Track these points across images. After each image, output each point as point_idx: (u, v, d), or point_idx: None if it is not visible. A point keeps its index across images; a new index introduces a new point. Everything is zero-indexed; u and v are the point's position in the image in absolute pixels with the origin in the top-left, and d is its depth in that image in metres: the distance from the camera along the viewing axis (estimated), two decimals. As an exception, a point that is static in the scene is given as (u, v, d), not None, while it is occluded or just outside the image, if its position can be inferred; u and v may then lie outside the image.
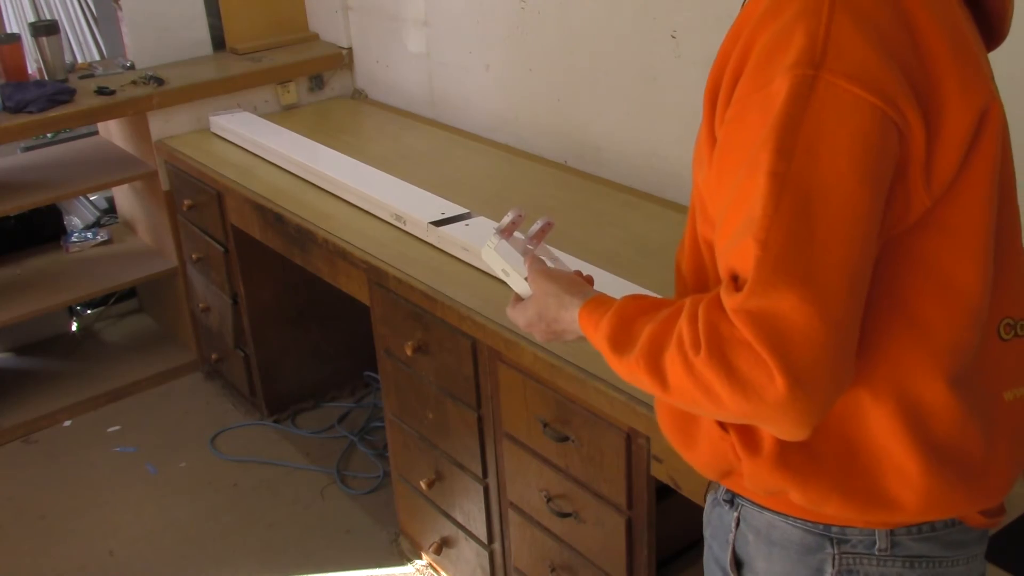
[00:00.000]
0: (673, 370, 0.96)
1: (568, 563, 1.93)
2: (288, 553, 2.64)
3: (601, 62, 2.52)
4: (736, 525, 1.15)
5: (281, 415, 3.19)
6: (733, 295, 0.90)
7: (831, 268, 0.88)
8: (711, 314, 0.93)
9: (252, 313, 3.01)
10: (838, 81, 0.88)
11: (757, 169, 0.89)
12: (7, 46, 3.07)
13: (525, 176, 2.65)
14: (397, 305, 2.18)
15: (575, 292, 1.20)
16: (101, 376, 3.38)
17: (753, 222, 0.89)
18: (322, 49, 3.47)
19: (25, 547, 2.72)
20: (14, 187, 3.12)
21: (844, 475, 1.02)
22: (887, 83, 0.89)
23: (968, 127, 0.94)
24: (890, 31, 0.91)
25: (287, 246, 2.60)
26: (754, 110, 0.92)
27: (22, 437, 3.16)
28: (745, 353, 0.89)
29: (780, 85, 0.89)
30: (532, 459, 1.93)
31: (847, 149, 0.88)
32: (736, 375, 0.90)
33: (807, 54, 0.88)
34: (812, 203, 0.88)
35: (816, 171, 0.88)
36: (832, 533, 1.07)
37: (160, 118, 3.13)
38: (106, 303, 3.73)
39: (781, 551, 1.10)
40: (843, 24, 0.89)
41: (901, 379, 0.99)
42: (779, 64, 0.90)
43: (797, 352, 0.87)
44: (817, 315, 0.87)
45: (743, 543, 1.15)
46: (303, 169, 2.72)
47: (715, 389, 0.92)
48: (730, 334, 0.90)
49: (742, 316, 0.89)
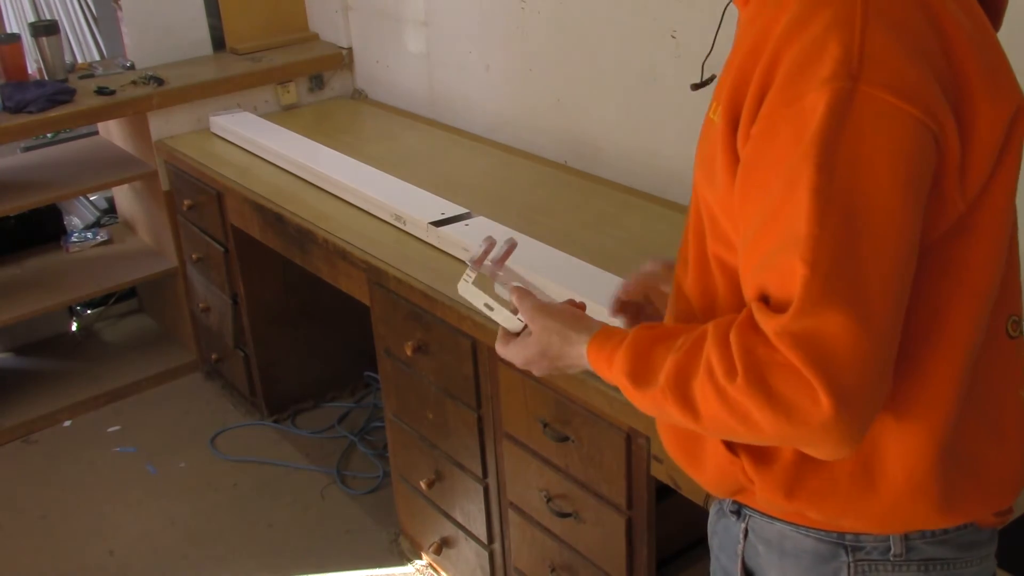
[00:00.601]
0: (705, 399, 0.93)
1: (568, 563, 1.93)
2: (288, 553, 2.64)
3: (601, 62, 2.52)
4: (744, 536, 1.13)
5: (281, 415, 3.19)
6: (774, 317, 0.87)
7: (877, 285, 0.87)
8: (745, 338, 0.90)
9: (252, 313, 3.01)
10: (877, 92, 0.86)
11: (797, 186, 0.86)
12: (7, 46, 3.07)
13: (525, 176, 2.65)
14: (397, 305, 2.18)
15: (579, 327, 1.16)
16: (101, 376, 3.38)
17: (799, 242, 0.86)
18: (322, 49, 3.47)
19: (25, 547, 2.72)
20: (14, 187, 3.12)
21: (860, 492, 1.01)
22: (925, 93, 0.87)
23: (1000, 131, 0.93)
24: (923, 38, 0.89)
25: (287, 246, 2.60)
26: (785, 125, 0.88)
27: (22, 437, 3.16)
28: (787, 376, 0.87)
29: (816, 99, 0.86)
30: (532, 459, 1.93)
31: (889, 162, 0.86)
32: (777, 399, 0.87)
33: (843, 66, 0.86)
34: (856, 219, 0.86)
35: (859, 186, 0.86)
36: (846, 541, 1.05)
37: (160, 118, 3.13)
38: (106, 303, 3.73)
39: (794, 561, 1.08)
40: (878, 33, 0.87)
41: (925, 391, 0.97)
42: (813, 78, 0.87)
43: (844, 372, 0.85)
44: (864, 334, 0.85)
45: (753, 554, 1.13)
46: (303, 169, 2.72)
47: (753, 416, 0.89)
48: (769, 357, 0.88)
49: (787, 339, 0.86)
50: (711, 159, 1.02)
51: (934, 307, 0.96)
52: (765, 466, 1.03)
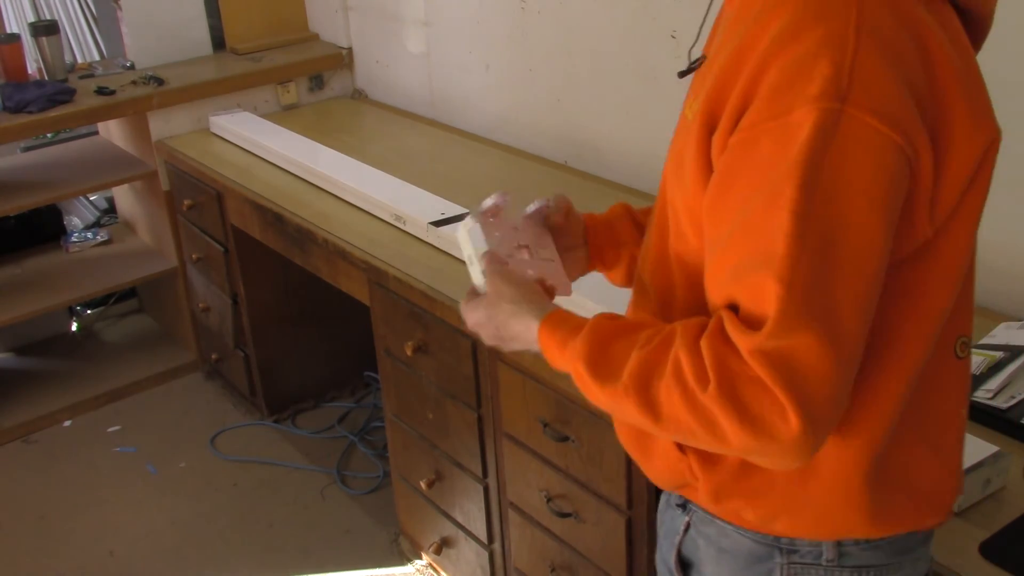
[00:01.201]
0: (669, 402, 0.93)
1: (568, 563, 1.93)
2: (288, 553, 2.64)
3: (601, 62, 2.52)
4: (686, 529, 1.17)
5: (281, 415, 3.19)
6: (747, 335, 0.87)
7: (848, 307, 0.88)
8: (717, 348, 0.90)
9: (252, 313, 3.01)
10: (864, 117, 0.85)
11: (777, 204, 0.86)
12: (7, 46, 3.07)
13: (525, 176, 2.65)
14: (397, 305, 2.18)
15: (534, 302, 1.14)
16: (101, 376, 3.38)
17: (775, 260, 0.86)
18: (322, 49, 3.47)
19: (25, 547, 2.72)
20: (14, 187, 3.12)
21: (794, 497, 1.04)
22: (908, 119, 0.87)
23: (974, 162, 0.93)
24: (910, 63, 0.89)
25: (287, 246, 2.60)
26: (768, 138, 0.88)
27: (22, 437, 3.16)
28: (758, 392, 0.87)
29: (804, 117, 0.86)
30: (532, 459, 1.93)
31: (868, 186, 0.86)
32: (747, 413, 0.88)
33: (833, 86, 0.85)
34: (834, 241, 0.86)
35: (838, 209, 0.86)
36: (781, 544, 1.08)
37: (160, 118, 3.13)
38: (106, 303, 3.73)
39: (731, 558, 1.11)
40: (868, 55, 0.86)
41: (868, 407, 0.99)
42: (801, 94, 0.86)
43: (812, 392, 0.86)
44: (834, 355, 0.86)
45: (692, 547, 1.16)
46: (303, 169, 2.72)
47: (721, 425, 0.89)
48: (741, 371, 0.88)
49: (759, 357, 0.86)
50: (681, 156, 1.02)
51: (889, 327, 0.97)
52: (710, 465, 1.06)
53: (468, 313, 1.22)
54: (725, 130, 0.92)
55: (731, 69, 0.93)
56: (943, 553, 1.26)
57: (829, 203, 0.86)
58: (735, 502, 1.07)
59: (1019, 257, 1.82)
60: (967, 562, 1.25)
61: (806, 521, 1.05)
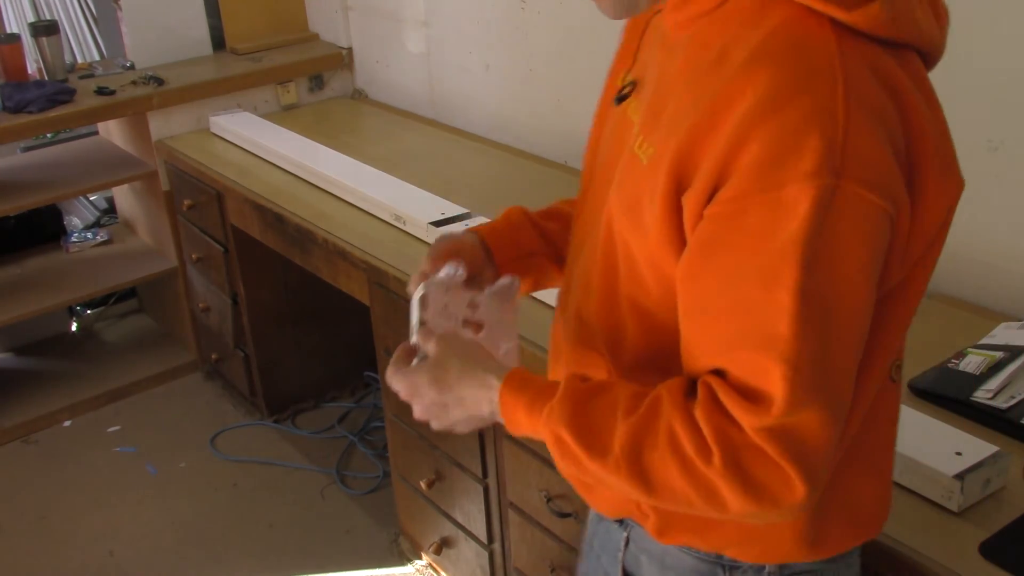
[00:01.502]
0: (665, 473, 0.90)
1: (568, 563, 1.93)
2: (288, 553, 2.64)
3: (601, 63, 2.51)
4: (626, 544, 1.16)
5: (281, 415, 3.19)
6: (753, 414, 0.87)
7: (845, 372, 0.89)
8: (715, 420, 0.89)
9: (252, 313, 3.01)
10: (860, 190, 0.84)
11: (778, 284, 0.85)
12: (7, 46, 3.07)
13: (525, 176, 2.65)
14: (397, 305, 2.18)
15: (488, 364, 1.05)
16: (101, 376, 3.38)
17: (778, 342, 0.85)
18: (322, 49, 3.47)
19: (25, 547, 2.72)
20: (14, 187, 3.12)
21: (741, 531, 1.05)
22: (896, 184, 0.87)
23: (944, 212, 0.94)
24: (891, 123, 0.88)
25: (287, 246, 2.60)
26: (756, 213, 0.85)
27: (22, 437, 3.16)
28: (763, 463, 0.87)
29: (799, 194, 0.83)
30: (532, 459, 1.93)
31: (859, 255, 0.86)
32: (752, 484, 0.88)
33: (827, 161, 0.83)
34: (832, 312, 0.86)
35: (834, 282, 0.86)
36: (724, 561, 1.09)
37: (160, 118, 3.13)
38: (106, 303, 3.73)
39: (674, 574, 1.12)
40: (859, 126, 0.84)
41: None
42: (793, 169, 0.83)
43: (815, 459, 0.87)
44: (835, 423, 0.87)
45: (634, 563, 1.16)
46: (303, 169, 2.72)
47: (722, 495, 0.89)
48: (742, 441, 0.88)
49: (765, 435, 0.86)
50: (636, 203, 0.96)
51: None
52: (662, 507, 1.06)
53: (402, 378, 1.09)
54: (699, 198, 0.88)
55: (703, 130, 0.88)
56: (943, 553, 1.26)
57: (826, 278, 0.85)
58: (683, 536, 1.07)
59: (1019, 257, 1.82)
60: (967, 562, 1.25)
61: (753, 551, 1.06)
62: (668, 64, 1.01)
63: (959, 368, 1.58)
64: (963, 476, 1.31)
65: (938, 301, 1.89)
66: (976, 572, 1.23)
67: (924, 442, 1.39)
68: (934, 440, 1.40)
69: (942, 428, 1.43)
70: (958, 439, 1.39)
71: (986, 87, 1.75)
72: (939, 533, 1.30)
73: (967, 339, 1.68)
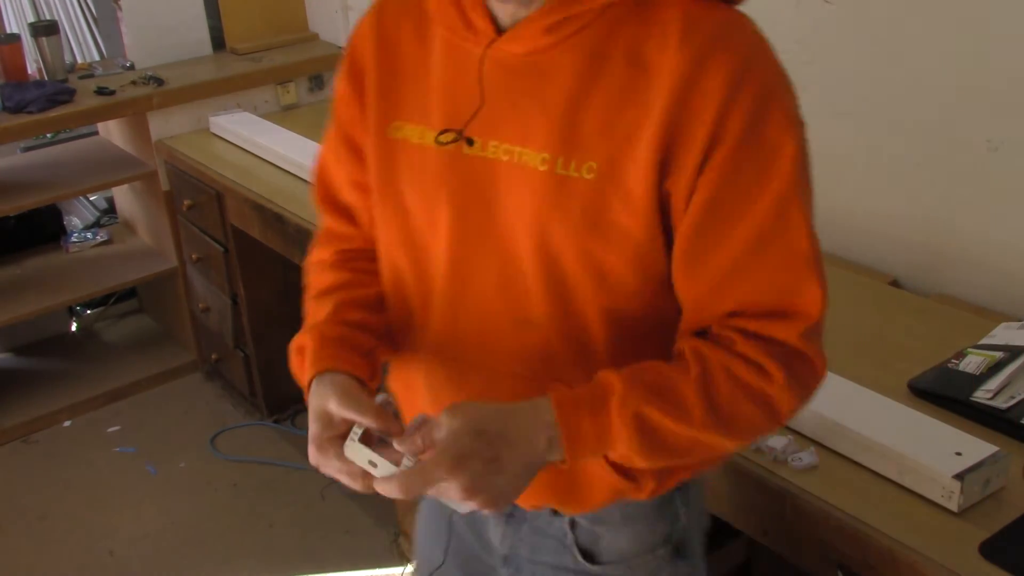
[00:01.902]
0: (738, 409, 0.99)
1: (568, 563, 1.93)
2: (288, 553, 2.64)
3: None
4: (572, 527, 1.18)
5: (281, 415, 3.19)
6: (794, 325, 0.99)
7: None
8: (759, 345, 0.99)
9: (252, 313, 3.01)
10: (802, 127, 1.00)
11: (788, 210, 0.97)
12: (7, 46, 3.07)
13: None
14: (397, 305, 2.18)
15: (516, 402, 0.98)
16: (101, 376, 3.38)
17: (802, 254, 0.99)
18: (322, 49, 3.47)
19: (25, 547, 2.72)
20: (14, 187, 3.12)
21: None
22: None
23: None
24: None
25: (287, 246, 2.60)
26: (751, 163, 0.96)
27: (22, 437, 3.16)
28: (801, 361, 1.00)
29: (783, 137, 0.97)
30: (532, 459, 1.92)
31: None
32: (802, 384, 1.01)
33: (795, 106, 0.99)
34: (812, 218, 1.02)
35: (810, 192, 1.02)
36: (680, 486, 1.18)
37: (160, 118, 3.13)
38: (106, 303, 3.73)
39: (637, 515, 1.17)
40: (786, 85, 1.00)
41: None
42: (773, 121, 0.97)
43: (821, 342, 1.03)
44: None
45: (590, 538, 1.18)
46: (303, 169, 2.72)
47: (780, 406, 1.00)
48: (785, 352, 0.99)
49: (804, 339, 1.00)
50: (599, 217, 0.98)
51: None
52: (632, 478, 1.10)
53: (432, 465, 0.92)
54: (689, 174, 0.96)
55: (678, 118, 0.94)
56: (943, 553, 1.26)
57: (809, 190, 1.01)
58: (678, 475, 1.13)
59: (1019, 257, 1.82)
60: (967, 562, 1.24)
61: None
62: (541, 88, 0.99)
63: (959, 368, 1.58)
64: (963, 476, 1.31)
65: (938, 301, 1.89)
66: (976, 572, 1.23)
67: (924, 442, 1.38)
68: (934, 440, 1.39)
69: (942, 428, 1.43)
70: (958, 439, 1.39)
71: (986, 87, 1.74)
72: (939, 533, 1.29)
73: (967, 339, 1.68)
